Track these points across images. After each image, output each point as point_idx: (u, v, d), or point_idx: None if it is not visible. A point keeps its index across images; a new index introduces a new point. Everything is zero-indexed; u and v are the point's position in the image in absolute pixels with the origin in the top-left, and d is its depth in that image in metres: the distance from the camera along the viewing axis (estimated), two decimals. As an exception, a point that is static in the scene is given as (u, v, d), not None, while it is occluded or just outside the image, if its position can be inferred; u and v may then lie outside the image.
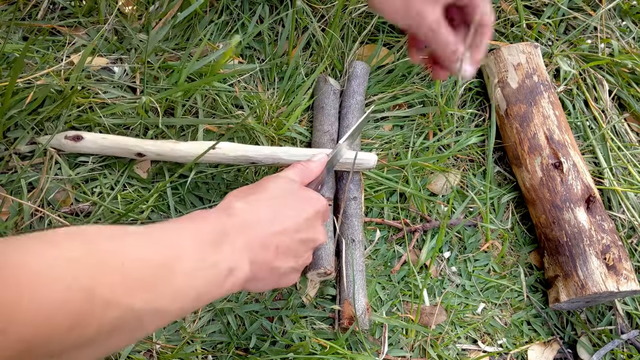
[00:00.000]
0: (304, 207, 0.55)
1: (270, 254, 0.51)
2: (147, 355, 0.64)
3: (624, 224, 0.90)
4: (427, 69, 0.73)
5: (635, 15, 1.04)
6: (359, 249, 0.73)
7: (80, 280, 0.34)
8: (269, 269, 0.51)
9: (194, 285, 0.43)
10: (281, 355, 0.67)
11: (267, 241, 0.50)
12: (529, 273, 0.84)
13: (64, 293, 0.33)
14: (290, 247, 0.53)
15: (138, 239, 0.41)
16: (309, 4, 0.84)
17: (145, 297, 0.38)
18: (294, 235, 0.53)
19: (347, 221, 0.74)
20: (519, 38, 0.96)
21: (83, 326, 0.34)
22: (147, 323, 0.39)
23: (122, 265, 0.38)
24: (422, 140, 0.85)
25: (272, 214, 0.52)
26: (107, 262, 0.37)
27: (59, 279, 0.33)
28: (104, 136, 0.68)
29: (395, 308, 0.76)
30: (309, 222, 0.55)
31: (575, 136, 0.97)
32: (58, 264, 0.34)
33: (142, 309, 0.38)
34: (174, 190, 0.72)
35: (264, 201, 0.53)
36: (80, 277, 0.34)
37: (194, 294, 0.43)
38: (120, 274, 0.37)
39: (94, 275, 0.35)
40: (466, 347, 0.77)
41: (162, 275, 0.40)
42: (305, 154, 0.69)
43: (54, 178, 0.67)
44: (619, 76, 0.97)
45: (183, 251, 0.43)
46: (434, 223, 0.80)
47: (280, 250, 0.52)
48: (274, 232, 0.51)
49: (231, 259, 0.46)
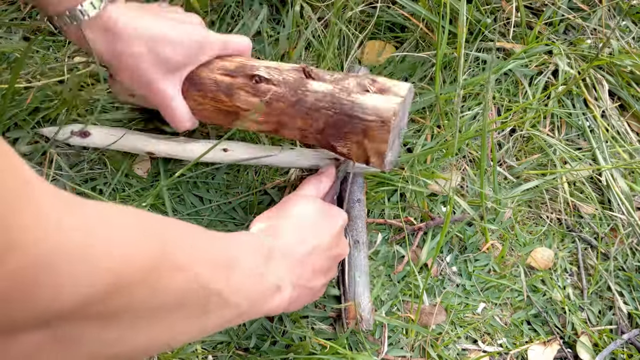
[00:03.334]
0: (331, 224, 0.57)
1: (307, 274, 0.52)
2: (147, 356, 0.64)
3: (624, 224, 0.90)
4: None
5: (635, 15, 1.04)
6: (363, 250, 0.73)
7: (157, 237, 0.34)
8: (307, 289, 0.52)
9: (251, 286, 0.43)
10: (281, 355, 0.66)
11: (304, 263, 0.52)
12: (529, 273, 0.84)
13: (143, 241, 0.33)
14: (323, 265, 0.54)
15: (203, 231, 0.42)
16: (309, 3, 0.84)
17: (212, 274, 0.38)
18: (326, 253, 0.55)
19: (351, 223, 0.74)
20: (520, 38, 0.96)
21: (153, 282, 0.33)
22: (211, 305, 0.39)
23: (193, 241, 0.38)
24: (422, 141, 0.85)
25: (304, 235, 0.53)
26: (180, 234, 0.38)
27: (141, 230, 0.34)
28: (112, 132, 0.67)
29: (395, 308, 0.76)
30: (336, 238, 0.57)
31: (575, 136, 0.97)
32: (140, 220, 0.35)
33: (208, 283, 0.38)
34: (174, 190, 0.72)
35: (294, 224, 0.54)
36: (157, 235, 0.35)
37: (249, 295, 0.43)
38: (191, 247, 0.37)
39: (169, 238, 0.36)
40: (466, 347, 0.77)
41: (228, 262, 0.41)
42: (316, 156, 0.69)
43: (53, 178, 0.67)
44: (619, 76, 0.97)
45: (241, 254, 0.44)
46: (437, 220, 0.80)
47: (316, 270, 0.53)
48: (308, 252, 0.52)
49: (278, 277, 0.47)
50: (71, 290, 0.28)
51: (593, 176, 0.93)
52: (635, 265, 0.89)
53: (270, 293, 0.46)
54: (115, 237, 0.31)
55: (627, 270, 0.89)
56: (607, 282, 0.86)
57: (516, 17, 0.93)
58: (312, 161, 0.70)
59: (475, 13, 0.91)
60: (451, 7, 0.85)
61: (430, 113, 0.87)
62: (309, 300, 0.56)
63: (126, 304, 0.32)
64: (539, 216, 0.90)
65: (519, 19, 0.94)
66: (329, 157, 0.69)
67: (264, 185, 0.75)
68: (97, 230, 0.30)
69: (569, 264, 0.88)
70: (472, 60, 0.91)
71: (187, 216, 0.71)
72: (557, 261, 0.87)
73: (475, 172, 0.87)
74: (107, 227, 0.31)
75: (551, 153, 0.91)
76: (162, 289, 0.34)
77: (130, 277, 0.31)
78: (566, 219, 0.90)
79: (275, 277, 0.47)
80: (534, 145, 0.93)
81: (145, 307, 0.34)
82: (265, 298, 0.46)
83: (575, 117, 0.95)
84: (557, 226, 0.90)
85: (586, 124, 0.95)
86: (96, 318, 0.31)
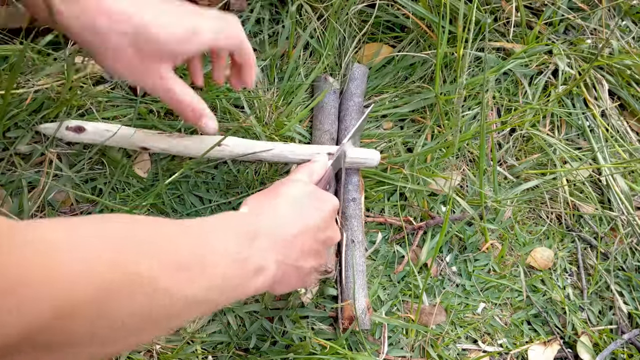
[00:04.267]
0: (321, 208, 0.56)
1: (295, 253, 0.51)
2: (147, 356, 0.64)
3: (624, 224, 0.90)
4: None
5: (635, 15, 1.04)
6: (359, 249, 0.73)
7: (116, 252, 0.33)
8: (294, 268, 0.52)
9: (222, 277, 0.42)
10: (281, 355, 0.66)
11: (292, 242, 0.51)
12: (529, 273, 0.84)
13: (99, 259, 0.32)
14: (312, 247, 0.54)
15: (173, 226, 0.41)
16: (309, 3, 0.84)
17: (177, 281, 0.37)
18: (316, 235, 0.54)
19: (346, 222, 0.74)
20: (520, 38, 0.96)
21: (110, 302, 0.32)
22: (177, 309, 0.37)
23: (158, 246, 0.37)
24: (422, 141, 0.85)
25: (293, 215, 0.53)
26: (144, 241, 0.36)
27: (97, 247, 0.32)
28: (108, 127, 0.67)
29: (395, 308, 0.76)
30: (327, 221, 0.56)
31: (575, 135, 0.97)
32: (86, 239, 0.33)
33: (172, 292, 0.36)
34: (174, 190, 0.72)
35: (284, 204, 0.54)
36: (117, 249, 0.33)
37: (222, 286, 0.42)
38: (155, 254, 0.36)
39: (130, 250, 0.34)
40: (466, 347, 0.77)
41: (196, 262, 0.39)
42: (311, 152, 0.70)
43: (53, 178, 0.67)
44: (619, 76, 0.97)
45: (215, 243, 0.42)
46: (437, 219, 0.80)
47: (305, 250, 0.52)
48: (297, 232, 0.52)
49: (260, 257, 0.46)
50: (15, 322, 0.28)
51: (593, 176, 0.93)
52: (635, 265, 0.89)
53: (251, 276, 0.45)
54: (60, 264, 0.30)
55: (627, 270, 0.89)
56: (607, 282, 0.86)
57: (516, 17, 0.93)
58: (307, 156, 0.70)
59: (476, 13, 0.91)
60: (451, 7, 0.85)
61: (431, 113, 0.87)
62: (297, 282, 0.54)
63: (80, 329, 0.31)
64: (538, 216, 0.90)
65: (519, 18, 0.94)
66: (319, 152, 0.70)
67: (263, 186, 0.75)
68: (42, 259, 0.29)
69: (569, 263, 0.88)
70: (472, 60, 0.91)
71: (187, 216, 0.71)
72: (557, 261, 0.87)
73: (475, 171, 0.87)
74: (52, 255, 0.30)
75: (551, 153, 0.91)
76: (119, 310, 0.33)
77: (80, 304, 0.30)
78: (566, 218, 0.90)
79: (258, 257, 0.46)
80: (533, 145, 0.93)
81: (104, 329, 0.33)
82: (245, 282, 0.45)
83: (575, 117, 0.95)
84: (557, 226, 0.90)
85: (586, 123, 0.95)
86: (47, 347, 0.30)
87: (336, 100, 0.81)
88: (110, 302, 0.32)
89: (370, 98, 0.87)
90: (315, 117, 0.80)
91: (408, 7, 0.86)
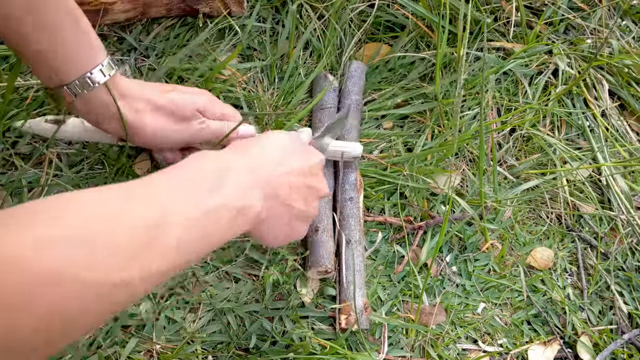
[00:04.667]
0: (308, 156, 0.56)
1: (284, 189, 0.50)
2: (147, 355, 0.64)
3: (624, 224, 0.90)
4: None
5: (635, 15, 1.04)
6: (357, 249, 0.73)
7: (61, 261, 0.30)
8: (283, 206, 0.50)
9: (191, 240, 0.38)
10: (281, 355, 0.66)
11: (279, 179, 0.49)
12: (529, 273, 0.84)
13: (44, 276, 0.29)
14: (300, 187, 0.52)
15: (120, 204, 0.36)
16: (309, 2, 0.84)
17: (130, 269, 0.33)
18: (303, 178, 0.53)
19: (344, 222, 0.74)
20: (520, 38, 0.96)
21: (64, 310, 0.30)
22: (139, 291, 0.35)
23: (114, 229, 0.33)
24: (422, 141, 0.85)
25: (279, 156, 0.52)
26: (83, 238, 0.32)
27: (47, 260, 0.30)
28: (85, 121, 0.66)
29: (395, 308, 0.76)
30: (314, 169, 0.55)
31: (575, 135, 0.97)
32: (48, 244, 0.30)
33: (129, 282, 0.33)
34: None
35: (270, 146, 0.53)
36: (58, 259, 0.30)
37: (195, 249, 0.39)
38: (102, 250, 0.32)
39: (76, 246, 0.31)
40: (466, 347, 0.77)
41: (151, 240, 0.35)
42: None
43: (53, 178, 0.67)
44: (619, 76, 0.97)
45: (171, 208, 0.38)
46: (437, 219, 0.80)
47: (293, 187, 0.51)
48: (284, 171, 0.50)
49: (239, 197, 0.44)
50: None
51: (593, 176, 0.93)
52: (635, 265, 0.89)
53: (229, 222, 0.42)
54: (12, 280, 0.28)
55: (627, 270, 0.89)
56: (607, 282, 0.86)
57: (516, 16, 0.93)
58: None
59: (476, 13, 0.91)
60: (451, 7, 0.85)
61: (431, 113, 0.87)
62: (287, 227, 0.52)
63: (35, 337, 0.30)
64: (538, 216, 0.90)
65: (519, 18, 0.94)
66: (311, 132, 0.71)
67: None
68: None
69: (569, 263, 0.88)
70: (472, 60, 0.91)
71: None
72: (557, 261, 0.87)
73: (475, 171, 0.87)
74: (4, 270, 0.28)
75: (551, 153, 0.91)
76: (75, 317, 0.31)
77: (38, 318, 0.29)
78: (566, 218, 0.90)
79: (236, 198, 0.43)
80: (533, 145, 0.93)
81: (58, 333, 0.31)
82: (223, 229, 0.42)
83: (575, 117, 0.95)
84: (557, 226, 0.90)
85: (586, 123, 0.95)
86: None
87: (335, 99, 0.81)
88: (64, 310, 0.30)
89: (368, 96, 0.87)
90: (314, 115, 0.80)
91: (408, 7, 0.86)
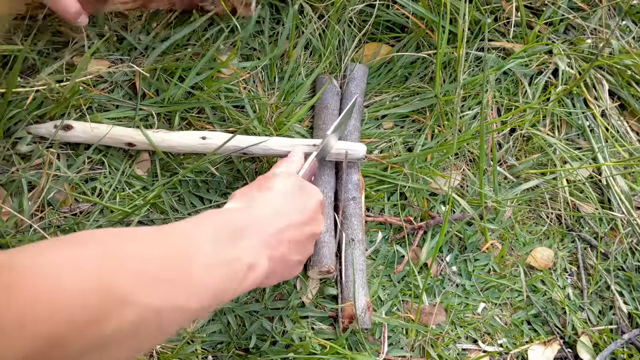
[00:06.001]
0: (308, 200, 0.57)
1: (284, 247, 0.52)
2: (147, 355, 0.64)
3: (624, 224, 0.90)
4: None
5: (635, 15, 1.04)
6: (359, 248, 0.73)
7: (96, 278, 0.33)
8: (283, 262, 0.52)
9: (212, 282, 0.42)
10: (281, 355, 0.66)
11: (281, 235, 0.51)
12: (529, 273, 0.84)
13: (81, 289, 0.32)
14: (299, 240, 0.54)
15: (151, 237, 0.41)
16: (309, 2, 0.84)
17: (163, 295, 0.37)
18: (302, 229, 0.55)
19: (346, 221, 0.74)
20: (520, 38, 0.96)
21: (101, 325, 0.33)
22: (166, 322, 0.38)
23: (138, 262, 0.37)
24: (422, 140, 0.85)
25: (280, 208, 0.53)
26: (122, 260, 0.36)
27: (75, 275, 0.33)
28: (95, 125, 0.67)
29: (395, 308, 0.76)
30: (313, 214, 0.57)
31: (575, 135, 0.97)
32: (73, 262, 0.33)
33: (160, 307, 0.37)
34: (173, 190, 0.72)
35: (271, 198, 0.54)
36: (96, 275, 0.34)
37: (213, 291, 0.42)
38: (136, 272, 0.36)
39: (110, 273, 0.34)
40: (466, 347, 0.77)
41: (179, 271, 0.39)
42: (294, 144, 0.70)
43: (53, 178, 0.67)
44: (619, 76, 0.97)
45: (199, 247, 0.42)
46: (437, 219, 0.80)
47: (292, 243, 0.53)
48: (285, 226, 0.52)
49: (251, 255, 0.47)
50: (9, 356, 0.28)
51: (593, 176, 0.93)
52: (635, 265, 0.89)
53: (242, 275, 0.45)
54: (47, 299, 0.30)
55: (627, 270, 0.89)
56: (607, 282, 0.86)
57: (516, 17, 0.93)
58: (287, 148, 0.70)
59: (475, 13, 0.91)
60: (451, 7, 0.85)
61: (431, 112, 0.87)
62: (285, 275, 0.55)
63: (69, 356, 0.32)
64: (538, 216, 0.90)
65: (519, 18, 0.94)
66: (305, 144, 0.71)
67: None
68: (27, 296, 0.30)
69: (569, 263, 0.88)
70: (472, 59, 0.91)
71: (187, 216, 0.71)
72: (557, 261, 0.87)
73: (475, 171, 0.87)
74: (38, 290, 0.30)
75: (551, 152, 0.91)
76: (112, 333, 0.33)
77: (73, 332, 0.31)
78: (566, 218, 0.90)
79: (249, 255, 0.46)
80: (533, 145, 0.93)
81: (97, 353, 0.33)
82: (235, 280, 0.45)
83: (575, 117, 0.95)
84: (557, 226, 0.90)
85: (586, 123, 0.95)
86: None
87: (338, 102, 0.82)
88: (101, 329, 0.32)
89: (370, 98, 0.87)
90: (318, 116, 0.80)
91: (408, 7, 0.86)
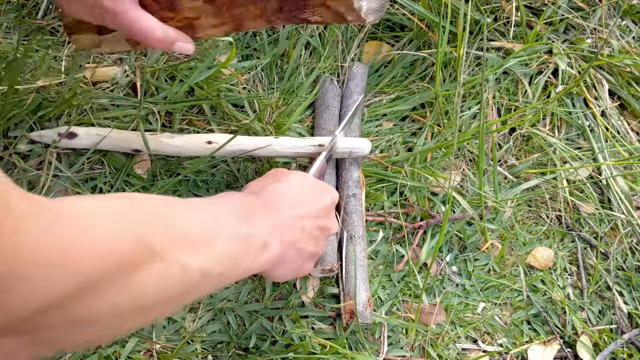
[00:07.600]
0: (322, 195, 0.58)
1: (297, 234, 0.52)
2: (147, 355, 0.64)
3: (624, 224, 0.90)
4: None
5: (635, 14, 1.04)
6: (360, 244, 0.73)
7: (130, 226, 0.35)
8: (296, 249, 0.53)
9: (233, 252, 0.44)
10: (281, 355, 0.66)
11: (294, 223, 0.52)
12: (529, 273, 0.84)
13: (115, 234, 0.33)
14: (312, 231, 0.55)
15: (180, 202, 0.43)
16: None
17: (191, 254, 0.38)
18: (316, 221, 0.55)
19: (347, 217, 0.74)
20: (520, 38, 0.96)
21: (132, 273, 0.33)
22: (192, 283, 0.39)
23: (168, 220, 0.39)
24: (422, 140, 0.85)
25: (294, 198, 0.54)
26: (155, 216, 0.38)
27: (110, 222, 0.33)
28: (98, 132, 0.67)
29: (395, 308, 0.76)
30: (326, 210, 0.57)
31: (575, 135, 0.97)
32: (110, 211, 0.35)
33: (187, 265, 0.38)
34: (173, 189, 0.72)
35: (286, 188, 0.55)
36: (130, 224, 0.35)
37: (233, 261, 0.44)
38: (167, 229, 0.38)
39: (142, 224, 0.36)
40: (466, 347, 0.77)
41: (206, 235, 0.41)
42: (300, 144, 0.70)
43: (53, 177, 0.67)
44: (619, 76, 0.97)
45: (222, 219, 0.45)
46: (437, 219, 0.80)
47: (305, 233, 0.53)
48: (299, 215, 0.53)
49: (265, 234, 0.48)
50: (41, 295, 0.28)
51: (593, 176, 0.93)
52: (635, 264, 0.89)
53: (256, 251, 0.46)
54: (86, 238, 0.31)
55: (626, 270, 0.89)
56: (607, 281, 0.86)
57: (516, 16, 0.93)
58: (295, 150, 0.71)
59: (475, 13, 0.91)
60: (451, 6, 0.85)
61: (431, 112, 0.87)
62: (295, 268, 0.55)
63: (100, 305, 0.32)
64: (538, 215, 0.90)
65: (519, 18, 0.94)
66: (310, 144, 0.71)
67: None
68: (68, 233, 0.30)
69: (569, 263, 0.88)
70: (472, 59, 0.91)
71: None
72: (557, 261, 0.87)
73: (475, 171, 0.87)
74: (77, 228, 0.31)
75: (551, 152, 0.91)
76: (140, 283, 0.34)
77: (105, 276, 0.31)
78: (566, 218, 0.90)
79: (262, 233, 0.47)
80: (533, 145, 0.93)
81: (124, 302, 0.34)
82: (250, 258, 0.46)
83: (575, 117, 0.95)
84: (557, 226, 0.90)
85: (586, 123, 0.95)
86: (71, 319, 0.31)
87: (339, 101, 0.82)
88: (131, 277, 0.33)
89: (370, 98, 0.87)
90: (319, 116, 0.80)
91: (408, 7, 0.86)
